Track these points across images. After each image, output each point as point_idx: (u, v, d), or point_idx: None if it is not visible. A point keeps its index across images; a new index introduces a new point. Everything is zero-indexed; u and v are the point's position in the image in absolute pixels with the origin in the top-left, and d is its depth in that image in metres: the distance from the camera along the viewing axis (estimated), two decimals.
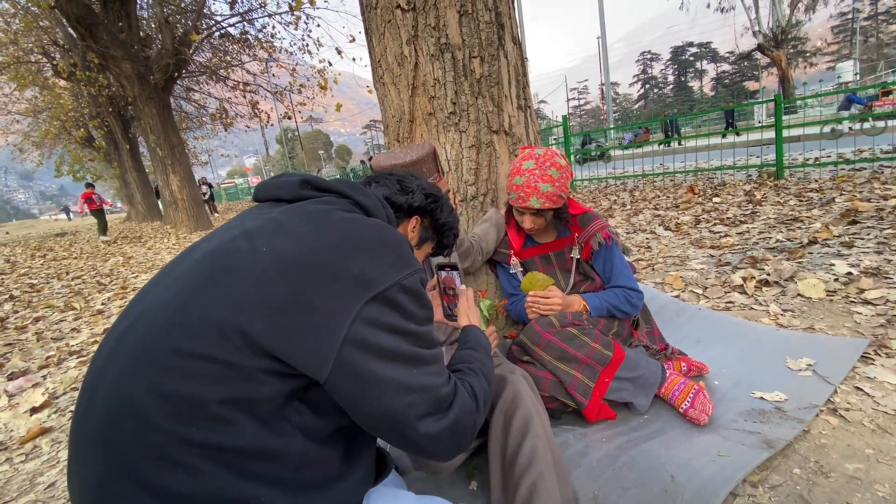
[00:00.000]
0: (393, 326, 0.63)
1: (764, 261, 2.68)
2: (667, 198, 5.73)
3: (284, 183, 0.77)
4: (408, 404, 0.63)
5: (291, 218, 0.67)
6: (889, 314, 1.82)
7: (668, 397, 1.42)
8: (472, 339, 0.96)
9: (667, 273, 2.82)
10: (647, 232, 4.13)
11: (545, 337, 1.38)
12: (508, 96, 1.78)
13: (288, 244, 0.62)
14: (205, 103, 15.30)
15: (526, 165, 1.48)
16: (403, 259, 0.67)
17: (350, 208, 0.74)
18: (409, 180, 1.00)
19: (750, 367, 1.62)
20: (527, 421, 1.05)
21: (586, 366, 1.36)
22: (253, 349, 0.56)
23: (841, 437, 1.22)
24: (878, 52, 44.27)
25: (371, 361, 0.60)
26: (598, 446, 1.31)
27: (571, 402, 1.38)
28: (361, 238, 0.65)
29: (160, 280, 0.67)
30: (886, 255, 2.43)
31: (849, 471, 1.10)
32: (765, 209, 4.15)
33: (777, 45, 19.26)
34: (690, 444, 1.26)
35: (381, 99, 1.94)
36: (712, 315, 2.06)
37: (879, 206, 3.47)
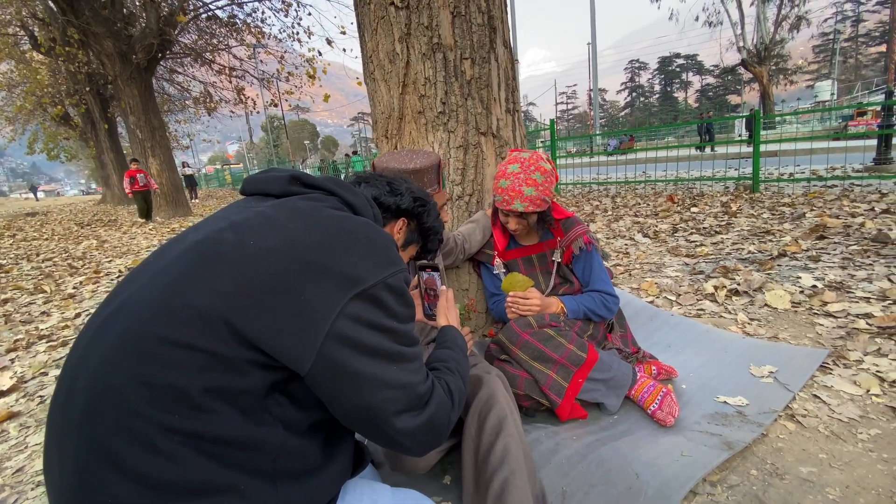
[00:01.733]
0: (376, 323, 0.64)
1: (735, 271, 2.77)
2: (647, 205, 5.85)
3: (273, 178, 0.77)
4: (386, 400, 0.64)
5: (279, 213, 0.68)
6: (849, 327, 1.92)
7: (638, 399, 1.47)
8: (449, 338, 0.98)
9: (643, 279, 2.90)
10: (626, 238, 4.22)
11: (523, 337, 1.42)
12: (497, 99, 1.81)
13: (276, 238, 0.63)
14: (188, 86, 14.96)
15: (511, 169, 1.51)
16: (389, 258, 0.68)
17: (338, 206, 0.75)
18: (398, 183, 1.01)
19: (716, 372, 1.69)
20: (501, 420, 1.07)
21: (561, 366, 1.40)
22: (237, 340, 0.57)
23: (797, 441, 1.29)
24: (856, 73, 45.85)
25: (352, 356, 0.62)
26: (569, 444, 1.34)
27: (545, 401, 1.42)
28: (349, 236, 0.66)
29: (145, 268, 0.68)
30: (850, 271, 2.54)
31: (802, 474, 1.16)
32: (739, 221, 4.28)
33: (760, 61, 19.77)
34: (656, 444, 1.31)
35: (370, 94, 1.94)
36: (683, 321, 2.13)
37: (847, 223, 3.62)
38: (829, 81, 25.38)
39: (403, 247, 1.04)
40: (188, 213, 10.89)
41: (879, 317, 1.93)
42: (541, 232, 1.68)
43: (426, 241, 1.07)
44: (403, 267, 0.70)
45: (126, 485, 0.53)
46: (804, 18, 21.84)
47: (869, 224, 3.48)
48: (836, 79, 32.71)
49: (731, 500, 1.11)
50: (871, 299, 2.13)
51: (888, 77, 5.69)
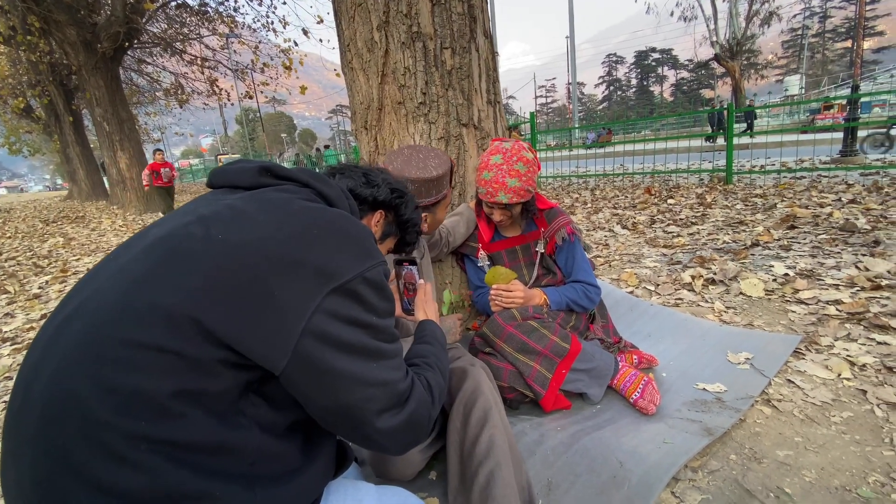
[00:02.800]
0: (354, 319, 0.62)
1: (711, 261, 2.83)
2: (625, 197, 5.94)
3: (242, 169, 0.74)
4: (366, 398, 0.62)
5: (249, 205, 0.65)
6: (820, 313, 1.98)
7: (620, 388, 1.49)
8: (428, 333, 0.97)
9: (623, 270, 2.94)
10: (605, 230, 4.27)
11: (507, 329, 1.42)
12: (478, 90, 1.79)
13: (246, 232, 0.60)
14: (158, 77, 14.47)
15: (494, 160, 1.49)
16: (367, 251, 0.66)
17: (312, 198, 0.72)
18: (374, 174, 0.99)
19: (695, 360, 1.72)
20: (486, 412, 1.07)
21: (545, 357, 1.40)
22: (207, 339, 0.54)
23: (773, 425, 1.33)
24: (824, 68, 47.35)
25: (330, 354, 0.59)
26: (553, 435, 1.35)
27: (529, 393, 1.42)
28: (324, 228, 0.64)
29: (105, 267, 0.63)
30: (820, 259, 2.62)
31: (779, 457, 1.20)
32: (714, 212, 4.38)
33: (732, 56, 20.22)
34: (638, 432, 1.33)
35: (349, 84, 1.90)
36: (662, 311, 2.17)
37: (816, 212, 3.74)
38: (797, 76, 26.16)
39: (381, 239, 1.01)
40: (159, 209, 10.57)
41: (848, 303, 1.99)
42: (524, 223, 1.67)
43: (404, 234, 1.05)
44: (382, 259, 0.68)
45: (90, 496, 0.50)
46: (775, 14, 22.42)
47: (836, 214, 3.60)
48: (805, 73, 33.74)
49: (711, 485, 1.13)
50: (839, 286, 2.20)
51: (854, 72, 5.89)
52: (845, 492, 1.06)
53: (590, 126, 13.16)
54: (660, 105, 49.44)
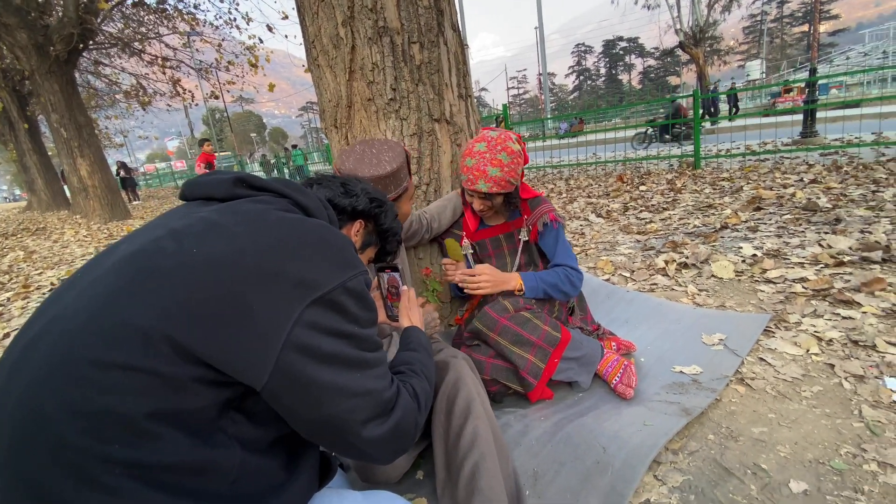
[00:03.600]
0: (336, 330, 0.62)
1: (683, 245, 2.90)
2: (599, 186, 6.03)
3: (216, 180, 0.73)
4: (351, 409, 0.62)
5: (224, 217, 0.64)
6: (787, 291, 2.05)
7: (603, 373, 1.52)
8: (413, 340, 0.97)
9: (598, 258, 2.98)
10: (580, 219, 4.33)
11: (501, 322, 1.41)
12: (449, 84, 1.78)
13: (221, 245, 0.59)
14: (117, 79, 13.91)
15: (478, 147, 1.48)
16: (347, 260, 0.66)
17: (289, 208, 0.71)
18: (352, 183, 0.99)
19: (671, 343, 1.76)
20: (468, 403, 1.07)
21: (539, 348, 1.41)
22: (182, 357, 0.53)
23: (747, 403, 1.37)
24: (783, 52, 48.91)
25: (312, 366, 0.59)
26: (537, 425, 1.37)
27: (515, 385, 1.43)
28: (302, 238, 0.63)
29: (73, 284, 0.61)
30: (785, 238, 2.71)
31: (755, 434, 1.23)
32: (684, 197, 4.48)
33: (696, 42, 20.68)
34: (619, 417, 1.36)
35: (316, 82, 1.86)
36: (638, 297, 2.21)
37: (780, 193, 3.87)
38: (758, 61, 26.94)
39: (361, 249, 1.01)
40: (126, 216, 10.22)
41: (813, 280, 2.07)
42: (508, 212, 1.67)
43: (384, 243, 1.05)
44: (363, 269, 0.68)
45: None
46: (734, 0, 22.97)
47: (799, 194, 3.73)
48: (765, 58, 34.79)
49: (692, 465, 1.16)
50: (804, 264, 2.28)
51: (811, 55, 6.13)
52: (819, 465, 1.11)
53: (562, 116, 13.28)
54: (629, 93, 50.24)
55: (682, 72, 51.94)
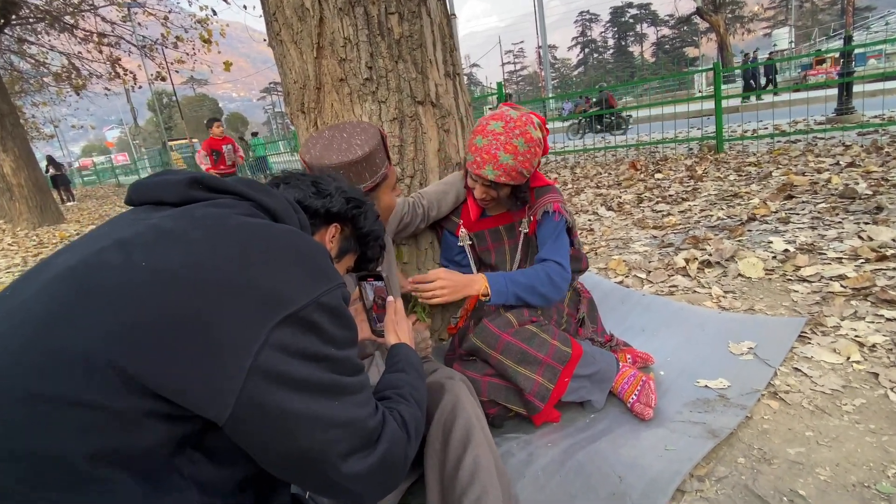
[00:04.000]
0: (310, 352, 0.62)
1: (706, 240, 2.94)
2: (608, 175, 6.08)
3: (168, 182, 0.72)
4: (329, 441, 0.62)
5: (179, 224, 0.63)
6: (824, 291, 2.08)
7: (618, 391, 1.53)
8: (401, 359, 0.97)
9: (610, 257, 3.01)
10: (589, 213, 4.36)
11: (503, 338, 1.40)
12: (433, 61, 1.78)
13: (175, 256, 0.58)
14: (45, 59, 13.69)
15: (493, 127, 1.45)
16: (321, 272, 0.66)
17: (253, 212, 0.71)
18: (325, 181, 0.98)
19: (694, 354, 1.78)
20: (468, 430, 1.07)
21: (547, 367, 1.40)
22: (131, 388, 0.52)
23: (782, 420, 1.39)
24: (813, 18, 49.72)
25: (284, 394, 0.59)
26: (544, 453, 1.37)
27: (517, 408, 1.43)
28: (269, 247, 0.63)
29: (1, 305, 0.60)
30: (820, 231, 2.76)
31: (791, 455, 1.25)
32: (706, 185, 4.54)
33: (715, 8, 20.98)
34: (638, 441, 1.37)
35: (278, 60, 1.85)
36: (656, 301, 2.23)
37: (813, 179, 3.93)
38: (786, 28, 27.37)
39: (338, 257, 1.00)
40: (59, 220, 10.06)
41: (853, 277, 2.10)
42: (512, 202, 1.65)
43: (365, 249, 1.04)
44: (340, 281, 0.68)
45: None
46: None
47: (835, 179, 3.80)
48: (794, 25, 35.36)
49: (720, 493, 1.17)
50: (843, 259, 2.32)
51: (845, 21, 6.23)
52: (864, 488, 1.12)
53: (565, 95, 13.36)
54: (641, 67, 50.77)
55: (700, 42, 52.58)
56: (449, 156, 1.82)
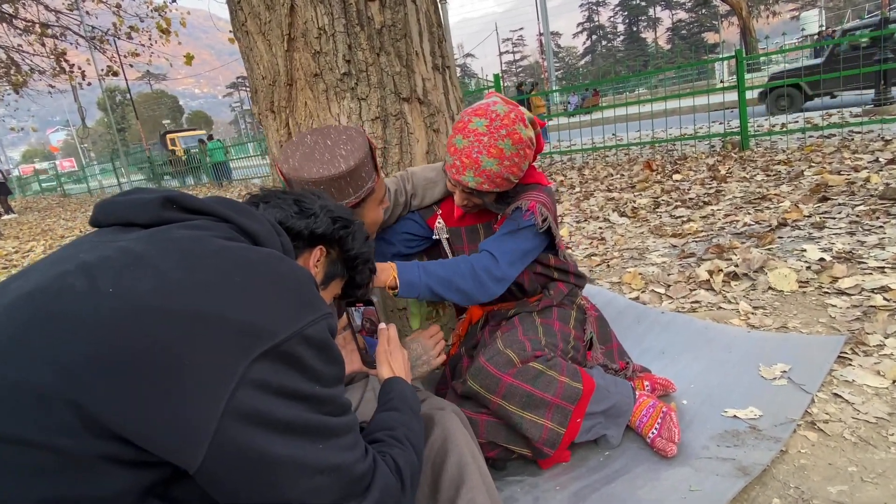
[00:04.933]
0: (292, 391, 0.62)
1: (731, 249, 2.95)
2: (621, 176, 6.12)
3: (139, 201, 0.73)
4: (313, 490, 0.62)
5: (150, 248, 0.64)
6: (865, 305, 2.09)
7: (636, 425, 1.52)
8: (394, 395, 0.98)
9: (624, 270, 3.02)
10: (599, 220, 4.39)
11: (505, 381, 1.37)
12: (420, 53, 1.79)
13: (145, 283, 0.59)
14: None
15: (475, 125, 1.38)
16: (306, 300, 0.67)
17: (232, 235, 0.73)
18: (309, 200, 0.99)
19: (720, 378, 1.78)
20: (461, 469, 1.06)
21: (557, 408, 1.39)
22: (90, 429, 0.52)
23: (821, 454, 1.38)
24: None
25: (262, 437, 0.59)
26: (552, 497, 1.37)
27: (520, 449, 1.42)
28: (249, 273, 0.64)
29: None
30: (859, 237, 2.78)
31: (832, 495, 1.25)
32: (730, 187, 4.58)
33: None
34: (659, 481, 1.37)
35: (245, 53, 1.86)
36: (677, 319, 2.24)
37: (850, 178, 3.97)
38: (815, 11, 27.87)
39: (324, 283, 1.01)
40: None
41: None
42: None
43: (353, 274, 1.05)
44: (326, 311, 0.69)
45: None
46: None
47: (874, 178, 3.84)
48: (824, 7, 36.00)
49: None
50: (885, 268, 2.34)
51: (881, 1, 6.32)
52: None
53: (571, 87, 13.50)
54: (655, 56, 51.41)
55: (720, 27, 53.37)
56: (439, 158, 1.83)
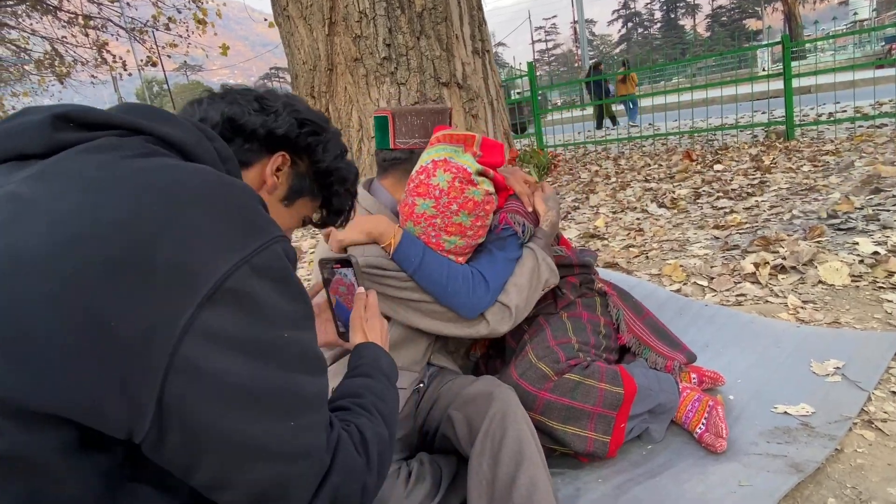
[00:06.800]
0: (248, 340, 0.52)
1: (778, 242, 2.86)
2: (659, 166, 6.00)
3: (26, 126, 0.58)
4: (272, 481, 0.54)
5: (41, 188, 0.52)
6: None
7: (682, 420, 1.50)
8: (367, 361, 0.85)
9: (664, 262, 2.95)
10: (637, 210, 4.31)
11: (542, 397, 1.33)
12: (460, 37, 1.77)
13: (41, 234, 0.48)
14: (26, 45, 14.16)
15: (421, 209, 1.27)
16: (248, 222, 0.56)
17: (148, 149, 0.58)
18: (273, 97, 0.85)
19: (769, 374, 1.73)
20: (521, 444, 1.07)
21: (599, 417, 1.37)
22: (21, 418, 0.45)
23: (879, 454, 1.33)
24: None
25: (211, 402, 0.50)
26: (593, 488, 1.37)
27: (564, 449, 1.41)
28: (172, 200, 0.52)
29: None
30: None
31: (892, 496, 1.20)
32: (775, 177, 4.44)
33: None
34: (705, 476, 1.34)
35: (285, 38, 1.87)
36: (721, 312, 2.18)
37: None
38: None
39: (287, 199, 0.87)
40: None
41: None
42: None
43: (328, 193, 0.91)
44: (277, 233, 0.58)
45: None
46: None
47: None
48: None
49: None
50: None
51: None
52: None
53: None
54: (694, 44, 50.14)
55: (764, 12, 51.70)
56: None
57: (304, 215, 0.91)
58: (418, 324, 1.32)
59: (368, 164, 1.77)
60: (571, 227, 4.11)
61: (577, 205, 4.89)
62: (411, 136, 1.36)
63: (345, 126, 1.77)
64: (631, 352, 1.64)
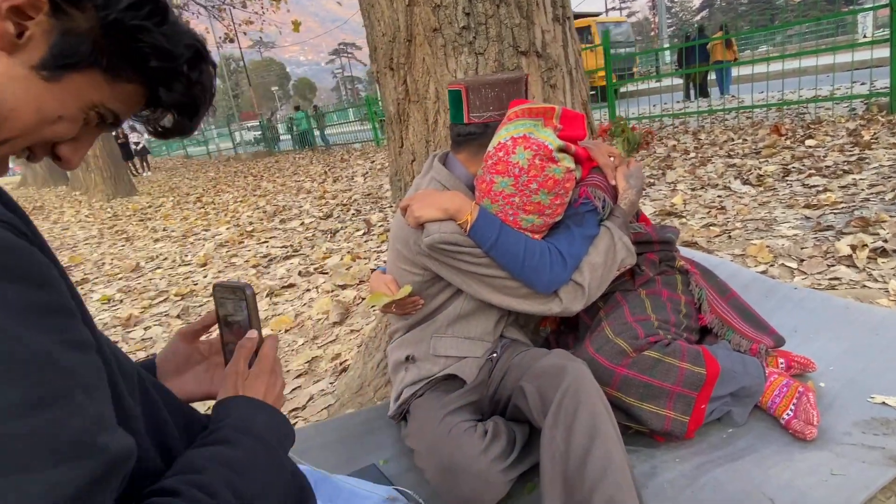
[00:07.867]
0: None
1: (878, 223, 2.71)
2: (743, 141, 5.74)
3: None
4: None
5: None
6: None
7: (767, 406, 1.45)
8: (230, 421, 0.64)
9: (748, 242, 2.86)
10: (718, 188, 4.17)
11: (619, 372, 1.33)
12: (541, 3, 1.73)
13: None
14: None
15: (499, 186, 1.25)
16: None
17: None
18: None
19: (865, 362, 1.64)
20: (594, 419, 1.07)
21: (678, 397, 1.35)
22: None
23: None
24: None
25: None
26: (670, 467, 1.36)
27: (639, 427, 1.40)
28: None
29: None
30: None
31: None
32: (876, 154, 4.17)
33: None
34: (792, 463, 1.30)
35: (365, 11, 1.88)
36: (812, 296, 2.08)
37: None
38: None
39: (48, 69, 0.53)
40: (132, 192, 11.09)
41: None
42: None
43: (147, 77, 0.60)
44: None
45: None
46: None
47: None
48: None
49: None
50: None
51: None
52: None
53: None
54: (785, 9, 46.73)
55: None
56: None
57: (95, 103, 0.58)
58: (490, 299, 1.33)
59: (444, 137, 1.77)
60: (646, 204, 4.00)
61: (653, 181, 4.75)
62: (485, 109, 1.35)
63: (422, 98, 1.77)
64: (713, 333, 1.59)
